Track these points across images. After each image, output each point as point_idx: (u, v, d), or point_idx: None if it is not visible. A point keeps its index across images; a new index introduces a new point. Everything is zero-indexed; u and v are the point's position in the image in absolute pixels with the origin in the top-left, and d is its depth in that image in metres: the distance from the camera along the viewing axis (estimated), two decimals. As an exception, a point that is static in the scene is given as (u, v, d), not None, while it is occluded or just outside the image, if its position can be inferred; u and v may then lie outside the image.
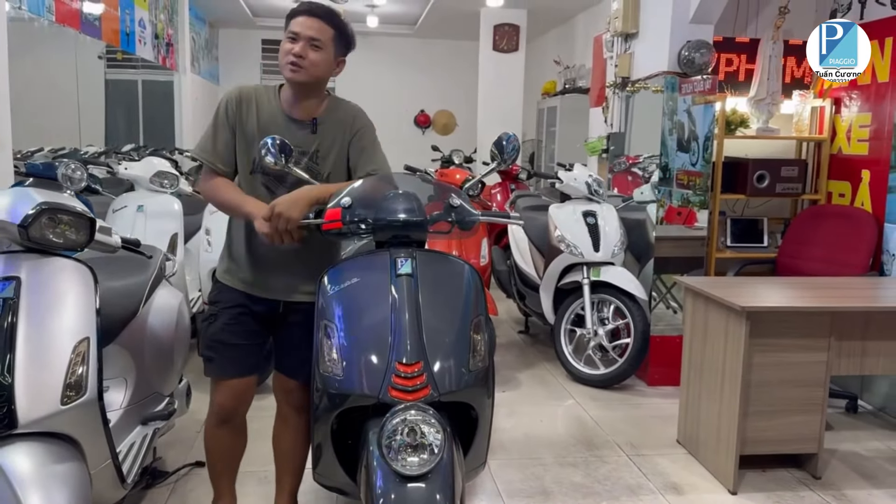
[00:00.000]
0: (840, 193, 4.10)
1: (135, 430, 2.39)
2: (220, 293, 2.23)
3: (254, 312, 2.20)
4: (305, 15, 2.07)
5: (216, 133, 2.14)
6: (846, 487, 2.86)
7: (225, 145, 2.14)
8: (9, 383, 1.74)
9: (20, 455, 1.73)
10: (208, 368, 2.23)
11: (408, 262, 2.00)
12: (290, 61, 2.06)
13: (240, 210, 2.10)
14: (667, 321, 4.15)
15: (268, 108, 2.15)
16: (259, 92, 2.18)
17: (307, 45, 2.06)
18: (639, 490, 2.83)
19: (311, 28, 2.06)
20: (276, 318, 2.24)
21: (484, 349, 2.01)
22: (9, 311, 1.80)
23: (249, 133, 2.13)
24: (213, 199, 2.21)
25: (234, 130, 2.14)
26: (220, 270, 2.26)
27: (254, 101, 2.14)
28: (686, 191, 4.01)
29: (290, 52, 2.06)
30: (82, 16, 5.16)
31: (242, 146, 2.15)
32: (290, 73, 2.08)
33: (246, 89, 2.17)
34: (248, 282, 2.19)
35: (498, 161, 2.26)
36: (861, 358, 2.84)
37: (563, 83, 8.29)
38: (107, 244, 2.15)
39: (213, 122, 2.15)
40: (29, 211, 1.85)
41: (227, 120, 2.13)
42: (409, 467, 1.71)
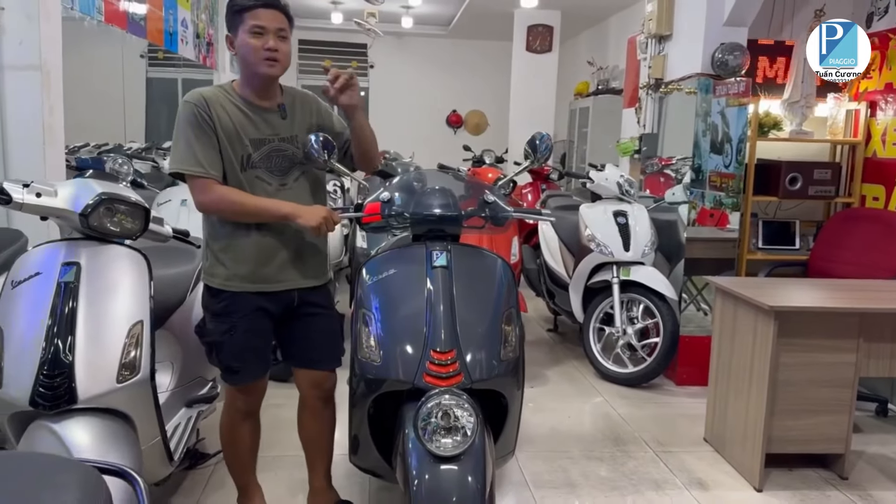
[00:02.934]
0: (874, 197, 4.09)
1: (180, 412, 2.51)
2: (231, 303, 2.18)
3: (270, 313, 2.23)
4: (265, 7, 2.08)
5: (197, 142, 2.07)
6: (873, 489, 2.88)
7: (210, 151, 2.09)
8: (70, 362, 1.86)
9: (79, 427, 1.86)
10: (234, 378, 2.25)
11: (443, 254, 2.09)
12: (266, 56, 2.07)
13: (276, 213, 2.12)
14: (696, 323, 4.17)
15: (232, 105, 2.14)
16: (216, 92, 2.15)
17: (276, 37, 2.09)
18: (664, 485, 2.88)
19: (276, 20, 2.09)
20: (291, 314, 2.28)
21: (515, 340, 2.09)
22: (70, 295, 1.92)
23: (229, 132, 2.11)
24: (231, 210, 2.12)
25: (216, 134, 2.10)
26: (222, 279, 2.18)
27: (218, 102, 2.11)
28: (719, 193, 4.04)
29: (264, 48, 2.07)
30: (129, 16, 5.34)
31: (227, 146, 2.11)
32: (269, 67, 2.09)
33: (206, 92, 2.13)
34: (260, 280, 2.19)
35: (531, 159, 2.33)
36: (890, 360, 2.85)
37: (595, 84, 8.31)
38: (159, 234, 2.27)
39: (188, 133, 2.08)
40: (89, 200, 1.98)
41: (205, 125, 2.08)
42: (442, 448, 1.79)
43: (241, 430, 2.36)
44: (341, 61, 10.87)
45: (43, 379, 1.84)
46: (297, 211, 2.12)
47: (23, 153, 3.41)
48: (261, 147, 2.15)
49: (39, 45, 3.39)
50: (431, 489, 1.78)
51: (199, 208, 2.15)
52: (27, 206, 1.95)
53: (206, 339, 2.26)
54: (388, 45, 10.48)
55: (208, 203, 2.12)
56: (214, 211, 2.15)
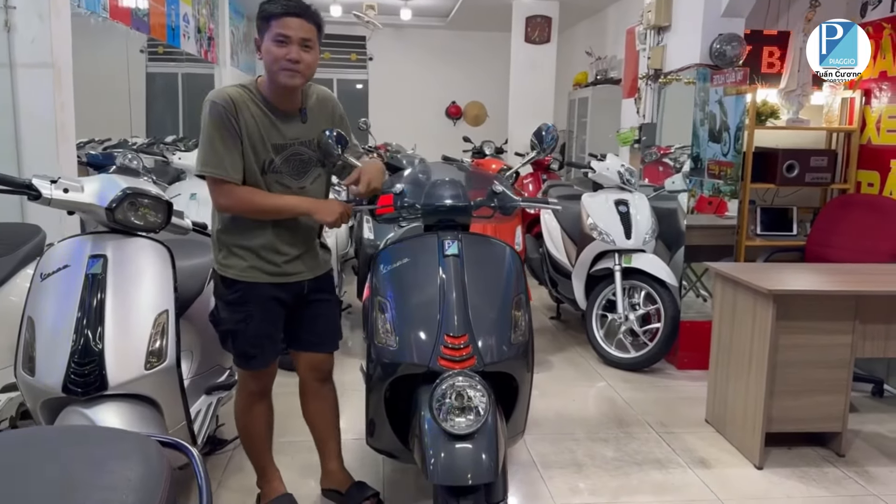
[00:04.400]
0: (869, 183, 4.17)
1: (200, 398, 2.59)
2: (246, 293, 2.24)
3: (283, 301, 2.31)
4: (292, 16, 2.06)
5: (222, 145, 2.10)
6: (869, 465, 2.98)
7: (234, 155, 2.12)
8: (100, 350, 1.95)
9: (110, 413, 1.95)
10: (250, 364, 2.33)
11: (454, 243, 2.17)
12: (286, 67, 2.07)
13: (294, 210, 2.21)
14: (696, 308, 4.26)
15: (256, 108, 2.16)
16: (241, 93, 2.15)
17: (300, 47, 2.08)
18: (668, 464, 2.97)
19: (301, 29, 2.07)
20: (301, 301, 2.36)
21: (524, 325, 2.18)
22: (98, 286, 2.01)
23: (253, 136, 2.14)
24: (252, 210, 2.18)
25: (241, 137, 2.12)
26: (237, 270, 2.24)
27: (243, 104, 2.13)
28: (717, 181, 4.12)
29: (286, 58, 2.06)
30: (132, 12, 5.40)
31: (250, 150, 2.14)
32: (288, 79, 2.09)
33: (232, 93, 2.13)
34: (276, 272, 2.26)
35: (538, 150, 2.41)
36: (885, 341, 2.94)
37: (594, 74, 8.38)
38: (181, 227, 2.35)
39: (214, 135, 2.10)
40: (115, 195, 2.06)
41: (231, 128, 2.10)
42: (457, 427, 1.88)
43: (256, 410, 2.46)
44: (340, 54, 10.93)
45: (75, 367, 1.93)
46: (315, 206, 2.22)
47: (36, 149, 3.49)
48: (282, 151, 2.22)
49: (51, 43, 3.46)
50: (447, 466, 1.88)
51: (219, 210, 2.22)
52: (55, 201, 2.02)
53: (222, 328, 2.35)
54: (387, 37, 10.53)
55: (230, 205, 2.18)
56: (235, 212, 2.21)
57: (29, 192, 2.00)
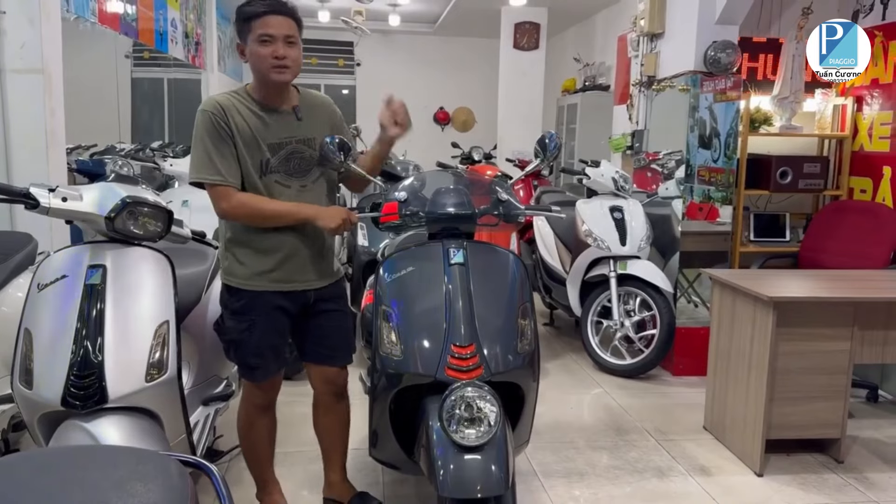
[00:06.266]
0: (861, 189, 4.20)
1: (197, 410, 2.54)
2: (250, 301, 2.23)
3: (287, 311, 2.28)
4: (273, 14, 2.09)
5: (215, 151, 2.10)
6: (868, 471, 2.99)
7: (231, 160, 2.13)
8: (100, 362, 1.90)
9: (110, 426, 1.89)
10: (252, 375, 2.31)
11: (460, 252, 2.15)
12: (275, 64, 2.10)
13: (296, 216, 2.18)
14: (688, 314, 4.27)
15: (247, 111, 2.16)
16: (231, 98, 2.17)
17: (285, 44, 2.11)
18: (669, 472, 2.96)
19: (283, 26, 2.10)
20: (307, 311, 2.33)
21: (530, 334, 2.16)
22: (97, 296, 1.96)
23: (247, 138, 2.14)
24: (252, 215, 2.17)
25: (234, 141, 2.13)
26: (241, 278, 2.23)
27: (233, 107, 2.14)
28: (708, 187, 4.13)
29: (273, 55, 2.09)
30: (121, 17, 5.33)
31: (245, 153, 2.15)
32: (278, 75, 2.12)
33: (221, 99, 2.16)
34: (279, 280, 2.23)
35: (541, 158, 2.40)
36: (883, 347, 2.95)
37: (583, 80, 8.40)
38: (180, 235, 2.31)
39: (206, 142, 2.10)
40: (114, 204, 2.02)
41: (223, 133, 2.11)
42: (467, 438, 1.86)
43: (259, 424, 2.42)
44: (328, 59, 10.89)
45: (74, 379, 1.88)
46: (318, 213, 2.18)
47: (26, 156, 3.43)
48: (279, 151, 2.20)
49: (41, 48, 3.40)
50: (457, 478, 1.85)
51: (220, 216, 2.19)
52: (54, 210, 1.98)
53: (226, 337, 2.31)
54: (375, 43, 10.51)
55: (229, 210, 2.16)
56: (235, 217, 2.19)
57: (27, 201, 1.96)
